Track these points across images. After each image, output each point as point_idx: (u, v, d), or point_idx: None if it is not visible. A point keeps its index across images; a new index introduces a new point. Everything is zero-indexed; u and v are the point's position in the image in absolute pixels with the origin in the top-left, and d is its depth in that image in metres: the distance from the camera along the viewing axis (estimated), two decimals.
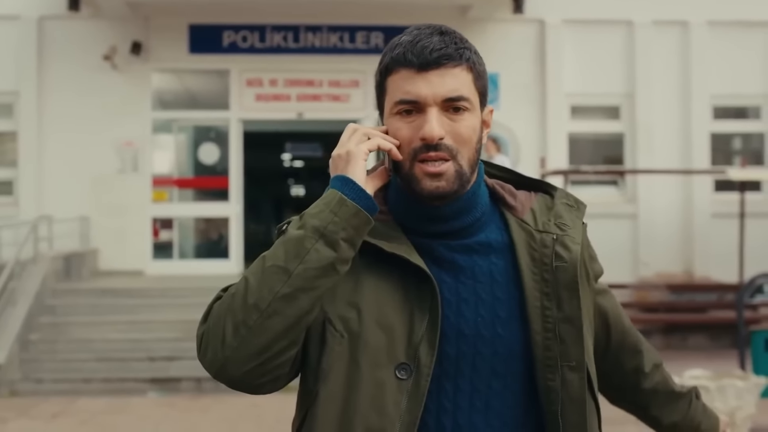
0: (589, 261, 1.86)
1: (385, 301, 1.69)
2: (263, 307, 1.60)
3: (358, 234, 1.65)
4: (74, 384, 9.74)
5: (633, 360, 2.07)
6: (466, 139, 1.70)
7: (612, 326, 2.00)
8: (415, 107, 1.69)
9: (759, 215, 13.23)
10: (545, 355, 1.71)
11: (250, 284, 1.62)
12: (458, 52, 1.70)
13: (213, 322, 1.64)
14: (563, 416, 1.71)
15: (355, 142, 1.71)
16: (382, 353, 1.66)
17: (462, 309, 1.71)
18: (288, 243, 1.63)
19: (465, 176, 1.70)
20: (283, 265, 1.61)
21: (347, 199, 1.64)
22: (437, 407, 1.69)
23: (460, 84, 1.69)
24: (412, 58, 1.68)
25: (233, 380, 1.65)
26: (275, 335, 1.61)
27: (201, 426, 8.21)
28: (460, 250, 1.74)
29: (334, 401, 1.67)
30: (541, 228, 1.77)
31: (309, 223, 1.63)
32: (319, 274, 1.61)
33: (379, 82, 1.76)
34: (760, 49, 13.81)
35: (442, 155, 1.67)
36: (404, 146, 1.70)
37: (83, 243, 12.98)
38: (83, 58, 13.16)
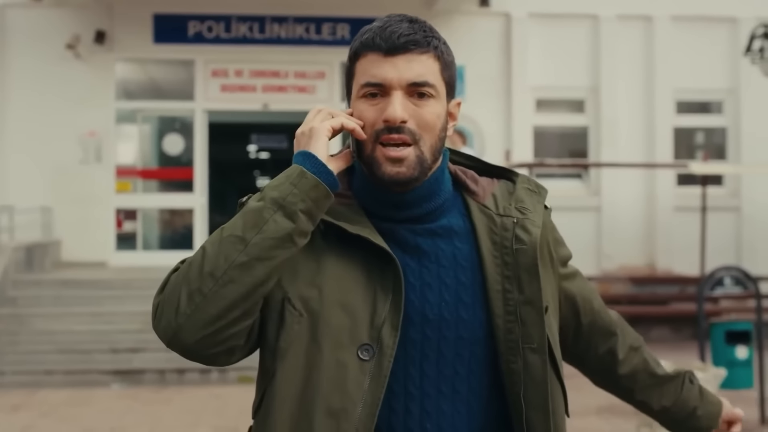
0: (554, 245, 1.89)
1: (348, 283, 1.69)
2: (219, 275, 1.60)
3: (318, 207, 1.66)
4: (36, 376, 9.65)
5: (606, 343, 2.06)
6: (430, 124, 1.71)
7: (581, 309, 1.99)
8: (381, 90, 1.71)
9: (720, 209, 13.39)
10: (507, 338, 1.72)
11: (207, 253, 1.63)
12: (426, 39, 1.72)
13: (169, 291, 1.65)
14: (526, 398, 1.72)
15: (320, 119, 1.73)
16: (344, 334, 1.67)
17: (426, 293, 1.72)
18: (247, 214, 1.65)
19: (426, 163, 1.72)
20: (241, 234, 1.62)
21: (307, 171, 1.66)
22: (404, 393, 1.70)
23: (427, 70, 1.71)
24: (381, 43, 1.70)
25: (186, 348, 1.65)
26: (229, 303, 1.61)
27: (164, 418, 8.17)
28: (424, 234, 1.75)
29: (292, 381, 1.67)
30: (502, 212, 1.79)
31: (268, 195, 1.65)
32: (276, 245, 1.62)
33: (348, 67, 1.78)
34: (724, 44, 13.95)
35: (404, 138, 1.69)
36: (368, 128, 1.72)
37: (45, 234, 12.85)
38: (46, 47, 13.01)
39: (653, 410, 2.14)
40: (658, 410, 2.13)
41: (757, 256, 13.52)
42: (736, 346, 7.64)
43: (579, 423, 7.22)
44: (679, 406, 2.12)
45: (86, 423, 7.94)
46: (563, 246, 1.95)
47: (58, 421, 8.03)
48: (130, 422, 7.99)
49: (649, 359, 2.14)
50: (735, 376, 7.48)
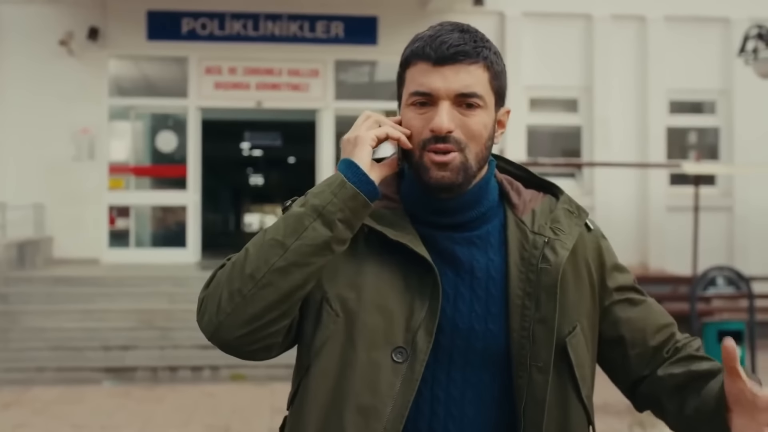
0: (600, 269, 1.86)
1: (387, 287, 1.73)
2: (258, 278, 1.66)
3: (356, 216, 1.70)
4: (28, 373, 9.63)
5: (663, 386, 1.84)
6: (476, 134, 1.73)
7: (627, 339, 1.87)
8: (429, 100, 1.73)
9: (713, 209, 13.42)
10: (519, 353, 1.74)
11: (249, 254, 1.69)
12: (476, 50, 1.74)
13: (213, 287, 1.72)
14: (525, 414, 1.73)
15: (366, 128, 1.77)
16: (379, 335, 1.71)
17: (458, 303, 1.75)
18: (288, 219, 1.70)
19: (470, 170, 1.74)
20: (281, 239, 1.68)
21: (348, 182, 1.70)
22: (431, 396, 1.73)
23: (475, 81, 1.73)
24: (430, 52, 1.72)
25: (226, 344, 1.71)
26: (267, 305, 1.66)
27: (156, 416, 8.16)
28: (462, 243, 1.78)
29: (326, 377, 1.71)
30: (537, 230, 1.80)
31: (310, 202, 1.70)
32: (314, 252, 1.67)
33: (399, 74, 1.81)
34: (717, 44, 13.97)
35: (449, 147, 1.71)
36: (415, 137, 1.75)
37: (38, 230, 12.82)
38: (39, 44, 12.98)
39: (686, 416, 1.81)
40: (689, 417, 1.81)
41: (749, 256, 13.55)
42: None
43: None
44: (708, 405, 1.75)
45: (78, 420, 7.92)
46: (619, 272, 1.91)
47: (50, 419, 8.01)
48: (122, 420, 7.97)
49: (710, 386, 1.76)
50: None
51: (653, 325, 1.90)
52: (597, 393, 1.93)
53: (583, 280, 1.83)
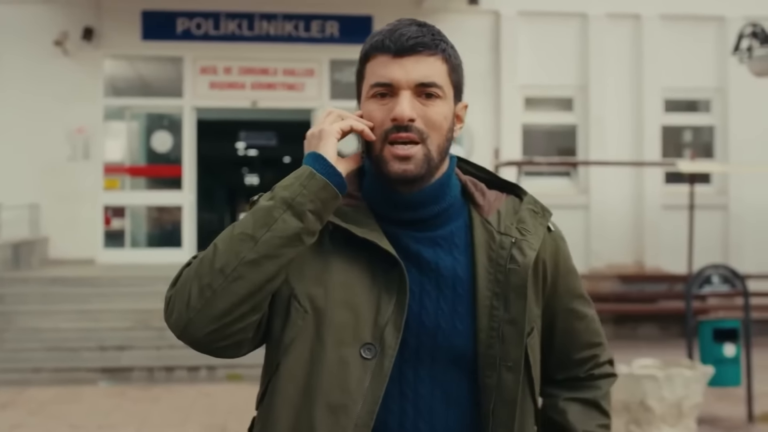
0: (554, 271, 1.89)
1: (353, 283, 1.74)
2: (228, 272, 1.66)
3: (326, 207, 1.70)
4: (23, 374, 9.62)
5: (554, 389, 1.98)
6: (437, 124, 1.75)
7: (556, 346, 1.93)
8: (390, 90, 1.75)
9: (708, 207, 13.43)
10: (487, 353, 1.75)
11: (218, 250, 1.69)
12: (434, 42, 1.77)
13: (180, 285, 1.71)
14: (494, 414, 1.75)
15: (329, 121, 1.78)
16: (347, 332, 1.71)
17: (424, 301, 1.76)
18: (257, 213, 1.70)
19: (433, 162, 1.76)
20: (251, 232, 1.68)
21: (317, 173, 1.70)
22: (399, 394, 1.74)
23: (434, 72, 1.75)
24: (390, 44, 1.75)
25: (196, 341, 1.70)
26: (238, 299, 1.66)
27: (152, 416, 8.16)
28: (426, 243, 1.79)
29: (295, 375, 1.72)
30: (503, 230, 1.81)
31: (279, 195, 1.70)
32: (285, 243, 1.67)
33: (359, 69, 1.83)
34: (712, 43, 13.99)
35: (411, 136, 1.73)
36: (377, 128, 1.76)
37: (33, 231, 12.80)
38: (34, 44, 12.96)
39: None
40: None
41: (744, 254, 13.57)
42: (723, 344, 7.67)
43: None
44: None
45: (74, 421, 7.92)
46: (571, 276, 1.94)
47: (46, 419, 8.01)
48: (118, 420, 7.97)
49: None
50: (723, 373, 7.51)
51: (584, 342, 1.96)
52: None
53: (538, 280, 1.85)
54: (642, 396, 6.53)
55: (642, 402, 6.54)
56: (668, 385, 6.50)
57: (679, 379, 6.51)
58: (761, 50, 11.06)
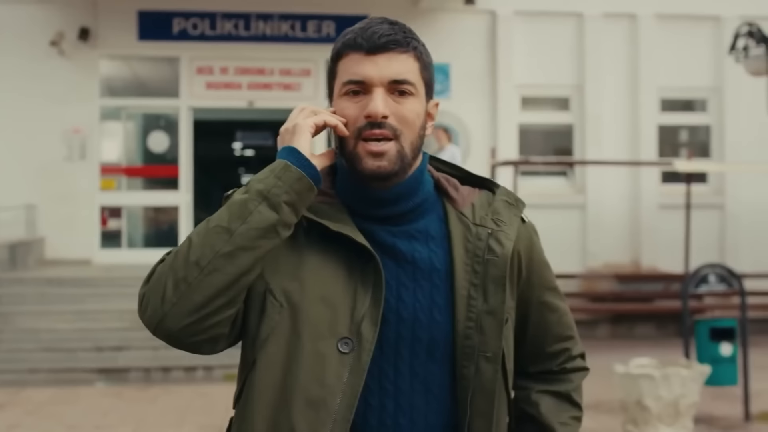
0: (529, 263, 1.89)
1: (329, 278, 1.74)
2: (204, 264, 1.65)
3: (301, 199, 1.71)
4: (20, 374, 9.61)
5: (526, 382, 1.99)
6: (410, 121, 1.76)
7: (528, 337, 1.94)
8: (362, 88, 1.75)
9: (705, 206, 13.45)
10: (464, 344, 1.75)
11: (193, 243, 1.69)
12: (406, 40, 1.78)
13: (155, 280, 1.70)
14: (472, 404, 1.75)
15: (303, 116, 1.79)
16: (323, 326, 1.71)
17: (401, 293, 1.76)
18: (232, 206, 1.70)
19: (406, 158, 1.76)
20: (226, 225, 1.68)
21: (291, 165, 1.71)
22: (379, 389, 1.73)
23: (407, 69, 1.76)
24: (362, 42, 1.75)
25: (171, 335, 1.70)
26: (214, 292, 1.66)
27: (149, 416, 8.15)
28: (401, 236, 1.79)
29: (272, 370, 1.71)
30: (478, 222, 1.83)
31: (254, 187, 1.71)
32: (260, 235, 1.67)
33: (331, 67, 1.83)
34: (708, 42, 14.00)
35: (385, 133, 1.73)
36: (350, 125, 1.76)
37: (29, 231, 12.79)
38: (30, 44, 12.94)
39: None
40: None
41: (741, 253, 13.58)
42: (720, 343, 7.68)
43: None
44: None
45: (71, 421, 7.91)
46: (545, 269, 1.95)
47: (43, 420, 8.00)
48: (115, 420, 7.96)
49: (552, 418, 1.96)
50: (719, 373, 7.52)
51: (556, 334, 1.97)
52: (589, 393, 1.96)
53: (513, 272, 1.85)
54: (639, 395, 6.54)
55: (639, 401, 6.55)
56: (665, 384, 6.50)
57: (676, 378, 6.52)
58: (757, 50, 11.08)
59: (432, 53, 1.85)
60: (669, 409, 6.50)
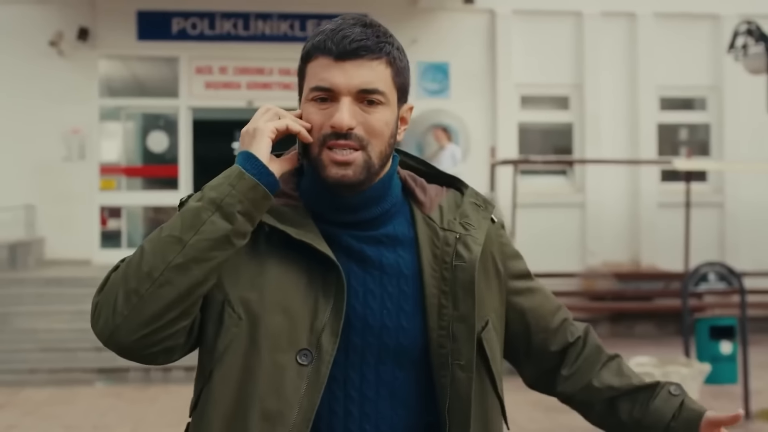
0: (502, 258, 1.86)
1: (290, 287, 1.68)
2: (156, 276, 1.59)
3: (256, 208, 1.64)
4: (19, 375, 9.61)
5: (561, 361, 1.95)
6: (378, 131, 1.69)
7: (532, 327, 1.91)
8: (330, 95, 1.69)
9: (704, 205, 13.45)
10: (438, 352, 1.71)
11: (145, 252, 1.62)
12: (378, 45, 1.70)
13: (107, 289, 1.64)
14: (450, 413, 1.71)
15: (265, 120, 1.71)
16: (282, 338, 1.66)
17: (368, 300, 1.71)
18: (185, 214, 1.64)
19: (373, 168, 1.70)
20: (179, 235, 1.61)
21: (246, 173, 1.64)
22: (344, 396, 1.70)
23: (377, 77, 1.69)
24: (331, 47, 1.69)
25: (123, 348, 1.64)
26: (166, 304, 1.60)
27: (148, 416, 8.15)
28: (368, 242, 1.74)
29: (230, 382, 1.66)
30: (446, 226, 1.78)
31: (207, 195, 1.64)
32: (213, 246, 1.61)
33: (300, 67, 1.78)
34: (706, 40, 14.00)
35: (351, 144, 1.67)
36: (315, 131, 1.70)
37: (29, 231, 12.79)
38: (29, 44, 12.94)
39: (622, 424, 1.91)
40: (629, 424, 1.91)
41: (740, 251, 13.58)
42: (720, 342, 7.68)
43: (566, 419, 7.24)
44: (654, 419, 1.88)
45: (70, 421, 7.90)
46: (517, 259, 1.92)
47: (41, 420, 7.99)
48: (114, 420, 7.96)
49: (616, 373, 1.93)
50: (719, 371, 7.52)
51: (549, 309, 1.94)
52: None
53: (490, 273, 1.82)
54: None
55: None
56: None
57: (676, 376, 6.52)
58: (756, 48, 11.08)
59: (431, 52, 1.83)
60: None
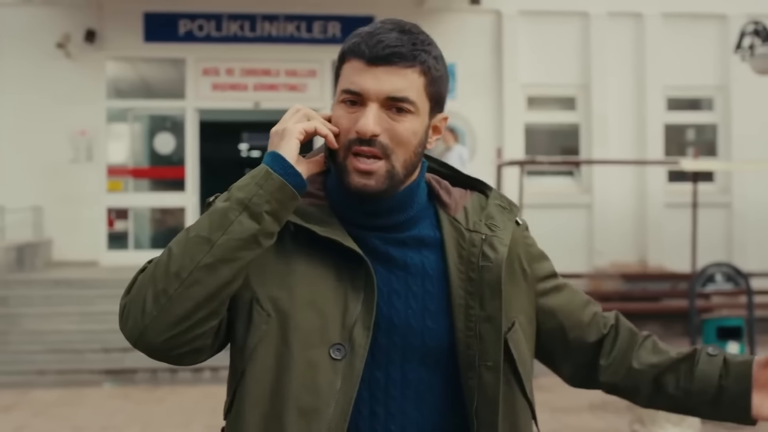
0: (528, 260, 1.86)
1: (318, 284, 1.69)
2: (184, 276, 1.60)
3: (283, 208, 1.65)
4: (27, 376, 9.63)
5: (601, 353, 1.92)
6: (404, 140, 1.68)
7: (565, 325, 1.90)
8: (359, 99, 1.68)
9: (711, 205, 13.42)
10: (466, 353, 1.71)
11: (173, 253, 1.63)
12: (413, 53, 1.68)
13: (135, 291, 1.66)
14: (478, 415, 1.71)
15: (294, 121, 1.72)
16: (314, 334, 1.66)
17: (393, 300, 1.71)
18: (213, 214, 1.65)
19: (397, 177, 1.70)
20: (207, 235, 1.62)
21: (273, 173, 1.65)
22: (369, 396, 1.69)
23: (408, 85, 1.68)
24: (365, 50, 1.67)
25: (152, 349, 1.65)
26: (195, 305, 1.61)
27: (156, 417, 8.16)
28: (393, 244, 1.74)
29: (262, 381, 1.66)
30: (472, 227, 1.78)
31: (234, 196, 1.64)
32: (242, 246, 1.61)
33: (336, 67, 1.76)
34: (713, 41, 13.98)
35: (374, 152, 1.67)
36: (342, 135, 1.70)
37: (36, 233, 12.82)
38: (36, 46, 12.98)
39: (672, 397, 1.89)
40: (679, 396, 1.88)
41: (747, 252, 13.55)
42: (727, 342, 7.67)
43: (572, 420, 7.25)
44: (702, 384, 1.86)
45: (78, 422, 7.92)
46: (543, 260, 1.92)
47: (50, 421, 8.01)
48: (122, 421, 7.97)
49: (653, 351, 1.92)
50: None
51: (579, 304, 1.94)
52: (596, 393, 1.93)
53: (517, 275, 1.81)
54: None
55: None
56: None
57: None
58: (763, 48, 11.05)
59: None
60: None
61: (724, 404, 1.84)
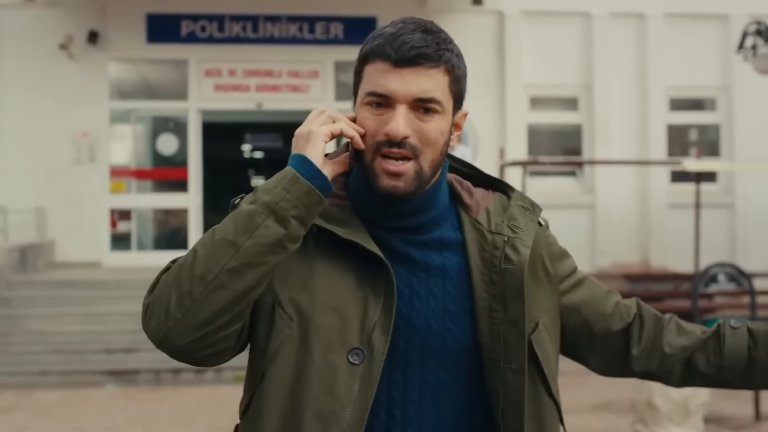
0: (550, 259, 1.86)
1: (339, 286, 1.68)
2: (209, 280, 1.59)
3: (310, 213, 1.64)
4: (30, 377, 9.64)
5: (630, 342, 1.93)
6: (432, 141, 1.68)
7: (590, 319, 1.90)
8: (385, 101, 1.67)
9: (714, 205, 13.41)
10: (490, 357, 1.70)
11: (198, 255, 1.61)
12: (438, 53, 1.69)
13: (159, 292, 1.64)
14: (504, 418, 1.71)
15: (319, 123, 1.70)
16: (334, 337, 1.66)
17: (414, 301, 1.71)
18: (238, 217, 1.63)
19: (425, 177, 1.70)
20: (232, 238, 1.60)
21: (300, 177, 1.64)
22: (387, 398, 1.69)
23: (434, 86, 1.68)
24: (390, 52, 1.67)
25: (176, 350, 1.64)
26: (219, 308, 1.60)
27: (158, 417, 8.17)
28: (415, 245, 1.74)
29: (282, 383, 1.66)
30: (494, 229, 1.77)
31: (261, 199, 1.63)
32: (267, 250, 1.60)
33: (357, 69, 1.75)
34: (716, 41, 13.97)
35: (404, 153, 1.66)
36: (368, 137, 1.69)
37: (39, 234, 12.83)
38: (39, 48, 12.99)
39: (704, 375, 1.91)
40: (711, 373, 1.90)
41: (750, 252, 13.55)
42: None
43: (574, 420, 7.23)
44: (733, 358, 1.88)
45: (80, 423, 7.93)
46: (565, 258, 1.92)
47: (52, 422, 8.02)
48: (125, 422, 7.98)
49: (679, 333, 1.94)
50: None
51: (601, 295, 1.94)
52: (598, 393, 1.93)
53: (540, 275, 1.81)
54: (648, 395, 6.53)
55: (648, 401, 6.54)
56: None
57: None
58: (765, 48, 11.05)
59: None
60: (679, 408, 6.49)
61: (756, 375, 1.88)
